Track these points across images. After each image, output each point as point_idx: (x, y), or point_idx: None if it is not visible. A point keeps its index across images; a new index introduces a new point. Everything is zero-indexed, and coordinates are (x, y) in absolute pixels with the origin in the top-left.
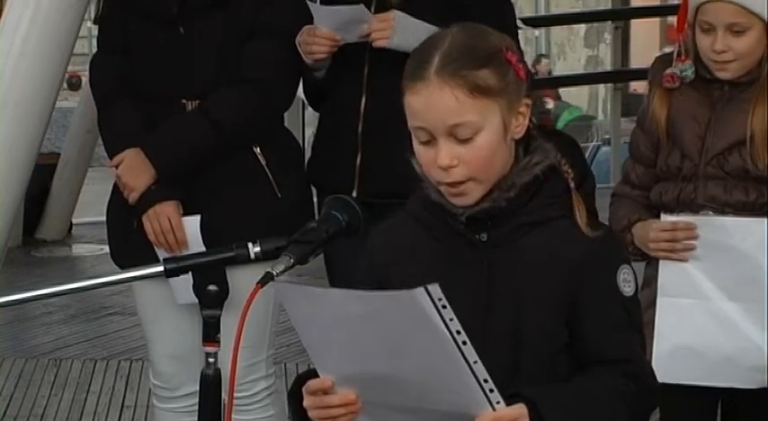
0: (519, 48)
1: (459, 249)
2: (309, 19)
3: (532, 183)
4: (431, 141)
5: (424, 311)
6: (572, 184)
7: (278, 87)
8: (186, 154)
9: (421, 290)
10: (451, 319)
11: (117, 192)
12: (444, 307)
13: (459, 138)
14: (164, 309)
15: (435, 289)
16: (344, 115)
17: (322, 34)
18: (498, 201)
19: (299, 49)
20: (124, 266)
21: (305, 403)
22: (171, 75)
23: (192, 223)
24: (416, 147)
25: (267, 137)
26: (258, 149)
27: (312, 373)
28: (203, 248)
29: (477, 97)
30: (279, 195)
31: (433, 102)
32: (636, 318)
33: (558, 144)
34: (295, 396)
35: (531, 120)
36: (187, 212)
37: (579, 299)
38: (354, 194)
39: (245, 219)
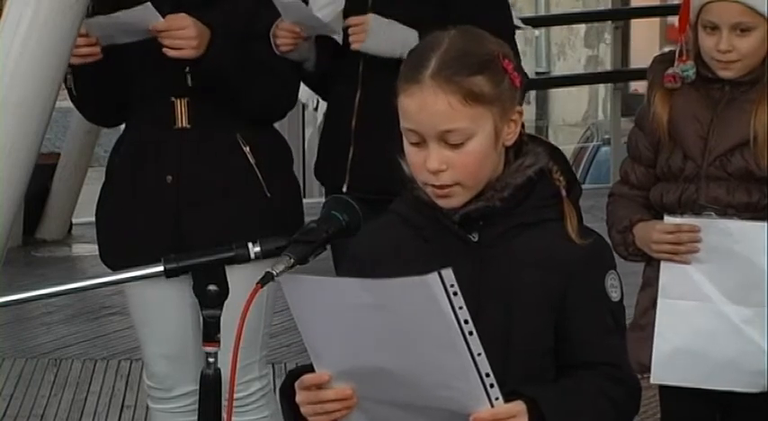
0: (515, 47)
1: (449, 249)
2: None
3: (525, 184)
4: (421, 144)
5: (435, 297)
6: (563, 191)
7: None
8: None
9: (434, 275)
10: (461, 308)
11: (107, 192)
12: (455, 294)
13: (450, 143)
14: (156, 309)
15: (449, 274)
16: (341, 111)
17: (284, 26)
18: (492, 200)
19: (272, 42)
20: (113, 267)
21: (298, 398)
22: (162, 72)
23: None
24: (407, 148)
25: (256, 136)
26: (248, 149)
27: (304, 369)
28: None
29: (471, 104)
30: (268, 195)
31: (426, 106)
32: (621, 324)
33: (546, 150)
34: (287, 392)
35: (522, 127)
36: (181, 212)
37: (568, 301)
38: (345, 189)
39: (235, 218)
